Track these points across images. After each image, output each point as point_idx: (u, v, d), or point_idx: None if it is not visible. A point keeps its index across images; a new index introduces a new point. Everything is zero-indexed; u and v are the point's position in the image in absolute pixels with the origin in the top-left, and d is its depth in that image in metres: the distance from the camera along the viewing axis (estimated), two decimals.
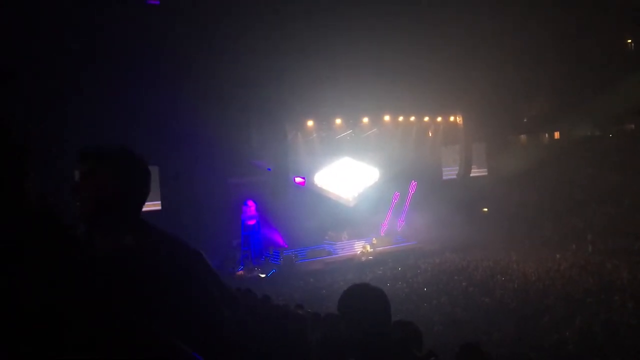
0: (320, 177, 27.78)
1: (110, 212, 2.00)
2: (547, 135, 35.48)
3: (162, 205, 22.93)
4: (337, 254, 25.93)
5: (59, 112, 19.03)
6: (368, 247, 25.97)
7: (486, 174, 31.91)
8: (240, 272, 23.44)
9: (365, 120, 27.45)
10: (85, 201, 2.01)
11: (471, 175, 30.89)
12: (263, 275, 22.94)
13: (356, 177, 28.74)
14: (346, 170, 28.50)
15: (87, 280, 1.58)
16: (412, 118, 28.91)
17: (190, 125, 21.78)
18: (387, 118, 27.87)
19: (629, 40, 32.23)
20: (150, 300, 1.75)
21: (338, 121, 26.73)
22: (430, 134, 30.72)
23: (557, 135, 35.18)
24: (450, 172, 31.51)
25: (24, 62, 17.82)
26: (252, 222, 24.62)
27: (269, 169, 24.76)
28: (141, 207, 2.13)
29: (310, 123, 26.30)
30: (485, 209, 30.10)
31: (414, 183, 29.40)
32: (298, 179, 25.99)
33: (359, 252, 25.90)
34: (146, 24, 19.26)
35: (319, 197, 27.23)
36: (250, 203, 24.57)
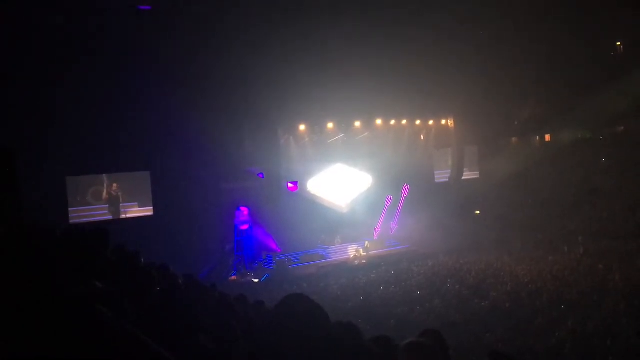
0: (313, 184, 27.72)
1: None
2: (538, 138, 35.64)
3: (154, 210, 22.83)
4: (330, 258, 25.88)
5: (50, 118, 18.93)
6: (361, 251, 25.95)
7: (478, 176, 32.01)
8: (234, 277, 23.37)
9: (357, 124, 27.48)
10: None
11: (463, 178, 30.98)
12: (256, 280, 22.87)
13: (349, 184, 28.69)
14: (339, 177, 28.45)
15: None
16: (404, 121, 28.96)
17: (182, 130, 21.71)
18: (379, 122, 27.92)
19: (619, 43, 32.50)
20: None
21: (330, 125, 26.74)
22: (422, 138, 30.77)
23: (548, 137, 35.36)
24: (442, 176, 31.58)
25: (15, 66, 17.75)
26: (245, 227, 24.55)
27: (261, 175, 24.68)
28: None
29: (302, 127, 26.29)
30: (478, 212, 30.18)
31: (406, 186, 29.43)
32: (290, 185, 25.93)
33: (352, 256, 25.86)
34: (138, 28, 19.22)
35: (312, 201, 27.20)
36: (243, 208, 24.52)
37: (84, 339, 1.53)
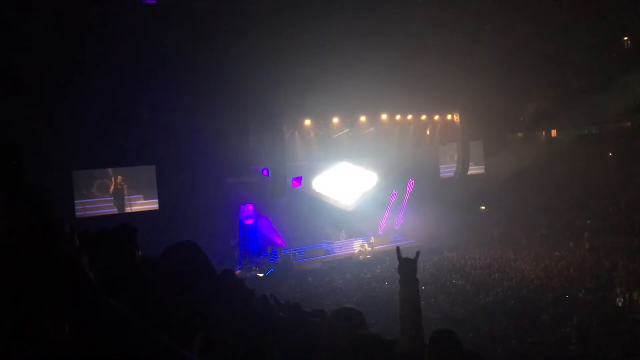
0: (318, 183, 27.65)
1: None
2: (544, 133, 35.49)
3: (160, 204, 22.89)
4: (335, 253, 25.91)
5: (56, 112, 18.98)
6: (366, 246, 25.96)
7: (483, 172, 31.91)
8: (238, 272, 23.41)
9: (363, 119, 27.40)
10: None
11: (468, 173, 30.89)
12: (261, 275, 22.91)
13: (354, 183, 28.61)
14: (344, 176, 28.37)
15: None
16: (410, 116, 28.86)
17: (187, 124, 21.73)
18: (384, 117, 27.82)
19: (625, 38, 32.26)
20: None
21: (335, 120, 26.66)
22: (427, 132, 30.68)
23: (554, 133, 35.21)
24: (447, 171, 31.50)
25: (22, 62, 17.78)
26: (250, 222, 24.59)
27: (265, 172, 24.58)
28: None
29: (307, 122, 26.22)
30: (483, 207, 30.10)
31: (411, 181, 29.38)
32: (294, 180, 25.88)
33: (356, 251, 25.88)
34: (143, 23, 19.21)
35: (317, 198, 27.20)
36: (248, 203, 24.55)
37: (93, 331, 1.53)
